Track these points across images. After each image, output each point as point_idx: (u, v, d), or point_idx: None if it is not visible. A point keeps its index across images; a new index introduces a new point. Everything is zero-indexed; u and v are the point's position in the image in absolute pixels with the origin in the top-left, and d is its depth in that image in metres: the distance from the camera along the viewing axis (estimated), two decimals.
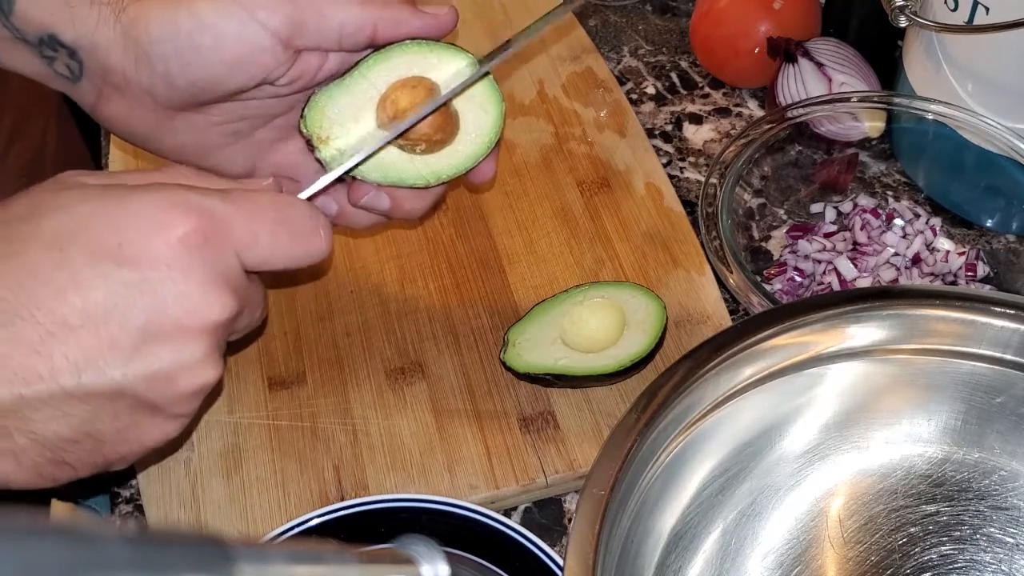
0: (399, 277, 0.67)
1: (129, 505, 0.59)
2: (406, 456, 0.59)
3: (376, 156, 0.53)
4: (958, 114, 0.67)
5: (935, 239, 0.69)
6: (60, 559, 0.27)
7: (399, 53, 0.53)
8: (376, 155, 0.53)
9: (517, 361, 0.60)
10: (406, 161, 0.54)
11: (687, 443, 0.50)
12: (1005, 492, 0.53)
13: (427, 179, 0.54)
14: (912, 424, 0.54)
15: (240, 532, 0.56)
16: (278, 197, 0.48)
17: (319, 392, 0.62)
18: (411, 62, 0.53)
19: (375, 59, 0.53)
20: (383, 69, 0.53)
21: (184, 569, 0.31)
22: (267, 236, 0.46)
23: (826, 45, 0.75)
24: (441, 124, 0.53)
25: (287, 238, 0.47)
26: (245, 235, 0.45)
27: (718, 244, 0.63)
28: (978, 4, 0.62)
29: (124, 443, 0.45)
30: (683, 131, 0.78)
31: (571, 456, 0.59)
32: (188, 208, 0.44)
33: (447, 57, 0.53)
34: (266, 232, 0.46)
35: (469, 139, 0.55)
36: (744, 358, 0.50)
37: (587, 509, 0.44)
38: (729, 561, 0.52)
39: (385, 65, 0.53)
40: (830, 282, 0.66)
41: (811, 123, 0.70)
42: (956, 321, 0.52)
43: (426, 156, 0.54)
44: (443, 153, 0.54)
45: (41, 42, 0.50)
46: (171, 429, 0.47)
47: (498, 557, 0.53)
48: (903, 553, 0.52)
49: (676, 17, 0.86)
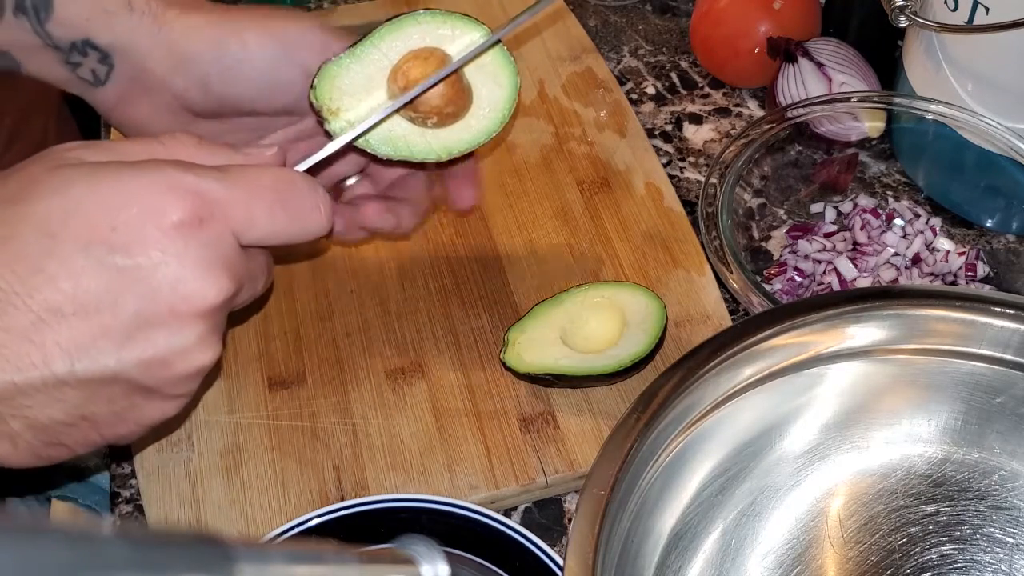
0: (399, 277, 0.67)
1: (129, 505, 0.59)
2: (406, 456, 0.59)
3: (387, 129, 0.52)
4: (958, 114, 0.67)
5: (935, 239, 0.69)
6: (60, 559, 0.27)
7: (411, 23, 0.51)
8: (387, 128, 0.52)
9: (517, 361, 0.60)
10: (417, 135, 0.53)
11: (687, 443, 0.50)
12: (1005, 492, 0.53)
13: (438, 153, 0.53)
14: (912, 424, 0.54)
15: (240, 532, 0.56)
16: (278, 173, 0.47)
17: (319, 392, 0.62)
18: (424, 33, 0.52)
19: (387, 29, 0.51)
20: (395, 40, 0.51)
21: (184, 569, 0.31)
22: (265, 214, 0.45)
23: (826, 45, 0.75)
24: (453, 97, 0.51)
25: (285, 216, 0.46)
26: (242, 215, 0.45)
27: (718, 244, 0.63)
28: (978, 4, 0.62)
29: (121, 423, 0.45)
30: (683, 131, 0.78)
31: (571, 456, 0.59)
32: (183, 192, 0.43)
33: (461, 28, 0.52)
34: (264, 210, 0.45)
35: (482, 114, 0.53)
36: (744, 358, 0.50)
37: (587, 509, 0.44)
38: (729, 561, 0.52)
39: (397, 36, 0.51)
40: (830, 282, 0.66)
41: (811, 123, 0.70)
42: (956, 321, 0.52)
43: (437, 130, 0.53)
44: (455, 127, 0.53)
45: (72, 47, 0.52)
46: (169, 409, 0.46)
47: (498, 557, 0.53)
48: (903, 553, 0.52)
49: (676, 17, 0.86)
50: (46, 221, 0.42)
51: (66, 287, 0.41)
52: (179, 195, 0.43)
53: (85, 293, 0.42)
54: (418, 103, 0.51)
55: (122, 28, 0.52)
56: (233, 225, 0.45)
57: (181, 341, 0.44)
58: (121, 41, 0.52)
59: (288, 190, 0.47)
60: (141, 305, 0.42)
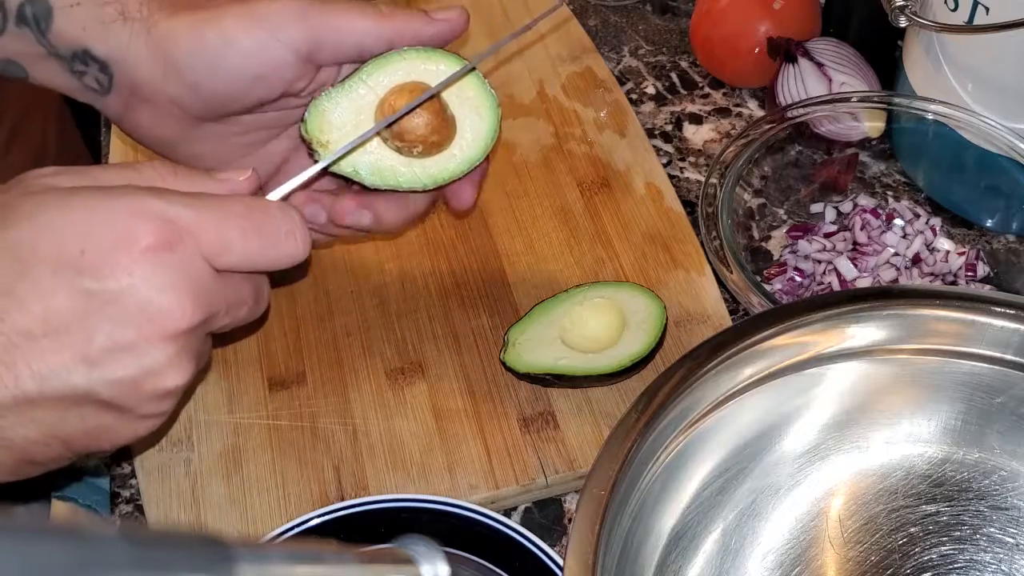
0: (399, 277, 0.67)
1: (129, 505, 0.59)
2: (406, 456, 0.59)
3: (374, 159, 0.54)
4: (958, 114, 0.67)
5: (935, 239, 0.69)
6: (60, 559, 0.27)
7: (397, 60, 0.54)
8: (375, 158, 0.54)
9: (517, 361, 0.60)
10: (403, 164, 0.54)
11: (687, 443, 0.50)
12: (1005, 492, 0.53)
13: (424, 183, 0.55)
14: (912, 424, 0.54)
15: (240, 532, 0.56)
16: (250, 201, 0.47)
17: (319, 392, 0.62)
18: (409, 68, 0.54)
19: (375, 65, 0.53)
20: (382, 75, 0.54)
21: (184, 569, 0.31)
22: (237, 240, 0.46)
23: (826, 45, 0.75)
24: (437, 126, 0.53)
25: (258, 241, 0.46)
26: (213, 240, 0.45)
27: (718, 244, 0.63)
28: (978, 4, 0.62)
29: (94, 442, 0.45)
30: (683, 131, 0.78)
31: (571, 456, 0.59)
32: (152, 217, 0.43)
33: (444, 63, 0.54)
34: (236, 236, 0.45)
35: (465, 143, 0.55)
36: (744, 358, 0.50)
37: (587, 509, 0.44)
38: (729, 561, 0.52)
39: (384, 71, 0.54)
40: (830, 282, 0.66)
41: (811, 123, 0.70)
42: (956, 321, 0.52)
43: (423, 160, 0.54)
44: (439, 157, 0.55)
45: (74, 57, 0.52)
46: (141, 429, 0.46)
47: (498, 557, 0.53)
48: (903, 553, 0.52)
49: (676, 17, 0.86)
50: (17, 246, 0.42)
51: (36, 310, 0.42)
52: (148, 220, 0.43)
53: (55, 315, 0.42)
54: (404, 132, 0.53)
55: (116, 39, 0.51)
56: (204, 250, 0.45)
57: (150, 362, 0.44)
58: (116, 52, 0.52)
59: (260, 216, 0.47)
60: (110, 327, 0.43)
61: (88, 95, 0.54)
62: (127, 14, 0.51)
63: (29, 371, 0.42)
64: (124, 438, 0.46)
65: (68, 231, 0.43)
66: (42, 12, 0.51)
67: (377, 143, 0.54)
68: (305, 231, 0.48)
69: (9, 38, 0.51)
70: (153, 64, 0.52)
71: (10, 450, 0.43)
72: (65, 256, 0.42)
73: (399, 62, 0.54)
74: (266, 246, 0.47)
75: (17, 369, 0.42)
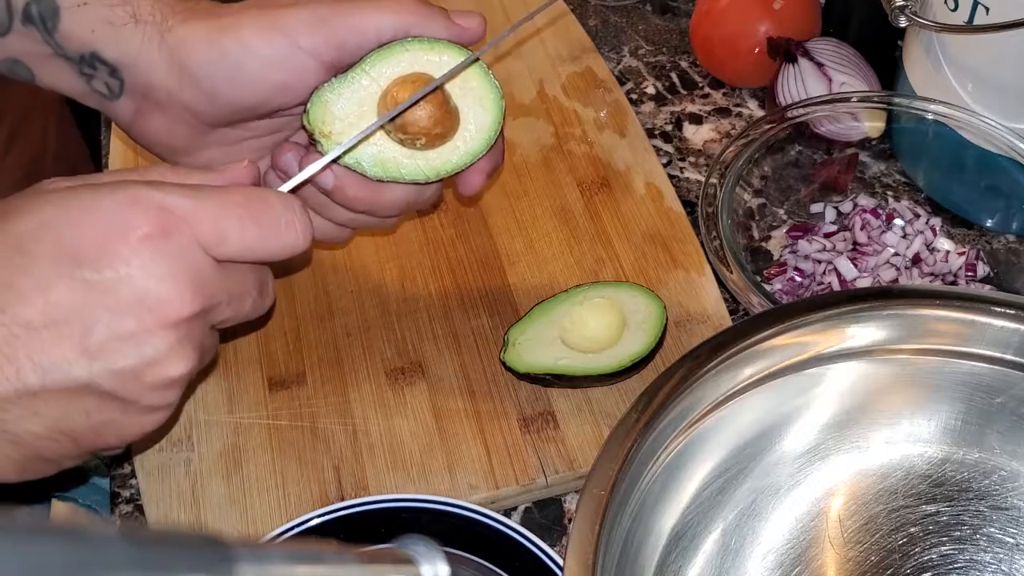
0: (399, 277, 0.67)
1: (129, 505, 0.59)
2: (406, 456, 0.59)
3: (377, 151, 0.54)
4: (958, 114, 0.67)
5: (935, 239, 0.69)
6: (60, 559, 0.27)
7: (400, 50, 0.53)
8: (378, 150, 0.54)
9: (517, 361, 0.60)
10: (406, 157, 0.54)
11: (687, 443, 0.50)
12: (1005, 492, 0.53)
13: (427, 175, 0.54)
14: (912, 424, 0.54)
15: (240, 532, 0.56)
16: (249, 191, 0.47)
17: (319, 392, 0.62)
18: (412, 59, 0.53)
19: (378, 56, 0.53)
20: (385, 66, 0.53)
21: (184, 569, 0.31)
22: (235, 229, 0.45)
23: (826, 45, 0.75)
24: (440, 118, 0.53)
25: (257, 231, 0.46)
26: (210, 229, 0.45)
27: (718, 244, 0.63)
28: (978, 4, 0.62)
29: (101, 437, 0.45)
30: (683, 131, 0.78)
31: (571, 456, 0.59)
32: (148, 207, 0.43)
33: (448, 53, 0.54)
34: (234, 225, 0.45)
35: (469, 135, 0.55)
36: (744, 358, 0.50)
37: (587, 509, 0.44)
38: (729, 561, 0.52)
39: (387, 62, 0.53)
40: (830, 282, 0.66)
41: (811, 123, 0.70)
42: (956, 321, 0.52)
43: (426, 152, 0.54)
44: (443, 149, 0.55)
45: (82, 59, 0.52)
46: (147, 423, 0.46)
47: (498, 557, 0.53)
48: (903, 553, 0.52)
49: (676, 17, 0.86)
50: (18, 240, 0.43)
51: (37, 302, 0.42)
52: (144, 209, 0.43)
53: (55, 307, 0.42)
54: (407, 124, 0.53)
55: (128, 43, 0.51)
56: (201, 239, 0.45)
57: (151, 352, 0.44)
58: (127, 56, 0.51)
59: (259, 206, 0.46)
60: (109, 317, 0.43)
61: (97, 99, 0.53)
62: (139, 17, 0.51)
63: (31, 363, 0.42)
64: (131, 433, 0.46)
65: (66, 223, 0.43)
66: (48, 11, 0.51)
67: (380, 135, 0.54)
68: (306, 221, 0.48)
69: (15, 37, 0.51)
70: (168, 71, 0.51)
71: (17, 445, 0.43)
72: (64, 248, 0.42)
73: (402, 53, 0.53)
74: (265, 236, 0.46)
75: (19, 361, 0.42)
